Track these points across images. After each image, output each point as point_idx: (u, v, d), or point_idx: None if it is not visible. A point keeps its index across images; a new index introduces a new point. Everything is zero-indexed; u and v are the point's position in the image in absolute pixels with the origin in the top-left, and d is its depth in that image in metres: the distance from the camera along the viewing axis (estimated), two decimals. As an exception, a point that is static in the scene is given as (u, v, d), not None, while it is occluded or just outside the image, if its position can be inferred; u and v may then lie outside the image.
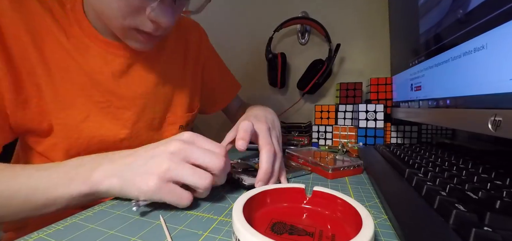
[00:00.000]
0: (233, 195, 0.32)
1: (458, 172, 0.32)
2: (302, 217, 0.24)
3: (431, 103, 0.44)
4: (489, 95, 0.29)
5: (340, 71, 0.84)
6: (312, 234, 0.21)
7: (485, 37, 0.29)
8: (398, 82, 0.62)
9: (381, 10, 0.75)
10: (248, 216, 0.20)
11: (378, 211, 0.28)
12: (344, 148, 0.60)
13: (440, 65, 0.40)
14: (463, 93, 0.34)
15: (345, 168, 0.40)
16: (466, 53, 0.33)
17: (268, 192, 0.26)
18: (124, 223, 0.25)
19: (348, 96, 0.74)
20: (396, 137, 0.64)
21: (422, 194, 0.27)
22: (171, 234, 0.23)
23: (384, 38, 0.75)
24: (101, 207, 0.29)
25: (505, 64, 0.26)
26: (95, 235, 0.23)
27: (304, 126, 0.76)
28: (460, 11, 0.34)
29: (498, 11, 0.27)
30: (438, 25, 0.41)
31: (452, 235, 0.19)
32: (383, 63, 0.76)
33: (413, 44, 0.52)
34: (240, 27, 0.93)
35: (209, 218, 0.26)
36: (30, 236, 0.22)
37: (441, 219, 0.21)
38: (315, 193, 0.26)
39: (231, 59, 0.96)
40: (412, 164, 0.37)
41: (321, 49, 0.83)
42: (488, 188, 0.26)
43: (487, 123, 0.27)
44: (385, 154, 0.46)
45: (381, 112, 0.60)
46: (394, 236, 0.22)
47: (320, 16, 0.80)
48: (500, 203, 0.21)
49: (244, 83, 0.96)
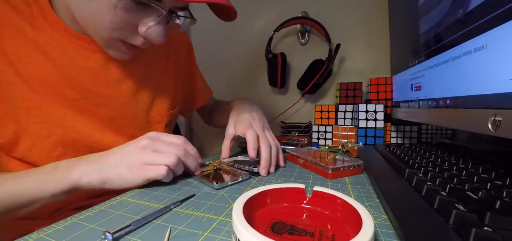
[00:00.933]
0: (233, 195, 0.32)
1: (458, 172, 0.32)
2: (302, 217, 0.24)
3: (431, 103, 0.44)
4: (489, 95, 0.29)
5: (340, 71, 0.84)
6: (312, 234, 0.21)
7: (485, 37, 0.29)
8: (398, 82, 0.62)
9: (381, 10, 0.75)
10: (248, 216, 0.20)
11: (378, 211, 0.28)
12: (344, 148, 0.60)
13: (440, 65, 0.40)
14: (463, 93, 0.34)
15: (345, 168, 0.40)
16: (466, 53, 0.33)
17: (268, 192, 0.26)
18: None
19: (348, 96, 0.74)
20: (396, 137, 0.64)
21: (422, 194, 0.27)
22: (171, 234, 0.23)
23: (384, 38, 0.75)
24: (101, 207, 0.29)
25: (505, 64, 0.26)
26: (95, 235, 0.23)
27: (304, 126, 0.76)
28: (460, 11, 0.34)
29: (498, 11, 0.27)
30: (438, 25, 0.41)
31: (452, 235, 0.19)
32: (383, 63, 0.76)
33: (413, 44, 0.52)
34: (240, 27, 0.93)
35: (209, 218, 0.26)
36: (30, 236, 0.22)
37: (441, 219, 0.21)
38: (315, 193, 0.26)
39: (231, 59, 0.97)
40: (412, 164, 0.37)
41: (321, 49, 0.83)
42: (488, 188, 0.26)
43: (487, 123, 0.27)
44: (385, 154, 0.46)
45: (381, 112, 0.60)
46: (394, 236, 0.22)
47: (320, 16, 0.80)
48: (500, 203, 0.21)
49: (244, 83, 0.96)
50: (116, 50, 0.39)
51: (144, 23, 0.36)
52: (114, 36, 0.37)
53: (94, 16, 0.35)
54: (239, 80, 0.97)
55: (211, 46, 0.99)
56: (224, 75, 0.98)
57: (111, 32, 0.36)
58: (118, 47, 0.39)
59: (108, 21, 0.34)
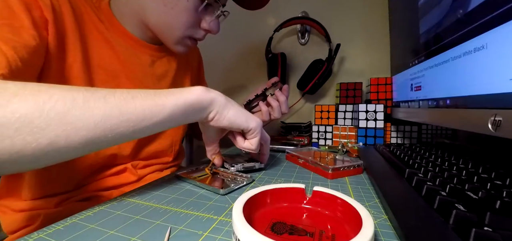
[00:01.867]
0: (233, 195, 0.32)
1: (458, 172, 0.32)
2: (302, 217, 0.24)
3: (431, 103, 0.44)
4: (489, 95, 0.29)
5: (340, 71, 0.84)
6: (312, 234, 0.21)
7: (485, 37, 0.29)
8: (398, 82, 0.62)
9: (381, 10, 0.75)
10: (248, 216, 0.20)
11: (378, 211, 0.28)
12: (344, 148, 0.60)
13: (440, 65, 0.40)
14: (463, 93, 0.34)
15: (345, 168, 0.40)
16: (466, 53, 0.33)
17: (268, 192, 0.26)
18: (124, 223, 0.25)
19: (348, 96, 0.74)
20: (396, 137, 0.64)
21: (422, 194, 0.27)
22: (171, 234, 0.23)
23: (384, 38, 0.75)
24: (101, 207, 0.29)
25: (505, 64, 0.26)
26: (95, 235, 0.23)
27: (304, 126, 0.76)
28: (460, 11, 0.34)
29: (498, 11, 0.27)
30: (438, 25, 0.41)
31: (452, 235, 0.19)
32: (383, 63, 0.76)
33: (413, 44, 0.52)
34: (240, 27, 0.93)
35: (209, 218, 0.26)
36: (30, 236, 0.22)
37: (441, 219, 0.21)
38: (315, 193, 0.26)
39: (231, 59, 0.97)
40: (412, 164, 0.37)
41: (321, 49, 0.83)
42: (488, 188, 0.26)
43: (487, 123, 0.27)
44: (385, 154, 0.46)
45: (381, 112, 0.60)
46: (394, 236, 0.22)
47: (320, 16, 0.80)
48: (500, 203, 0.21)
49: (244, 83, 0.96)
50: (184, 45, 0.50)
51: (206, 19, 0.48)
52: (186, 34, 0.47)
53: (175, 19, 0.45)
54: (239, 80, 0.97)
55: (211, 46, 0.98)
56: (224, 75, 0.98)
57: (185, 30, 0.47)
58: (185, 42, 0.49)
59: (185, 21, 0.45)
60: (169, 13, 0.44)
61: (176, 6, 0.44)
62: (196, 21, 0.47)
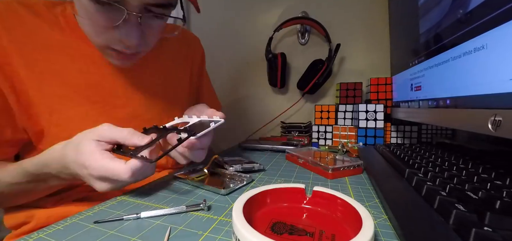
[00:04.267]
0: (233, 195, 0.32)
1: (458, 172, 0.32)
2: (302, 217, 0.24)
3: (431, 103, 0.44)
4: (489, 95, 0.29)
5: (340, 71, 0.84)
6: (312, 234, 0.21)
7: (485, 37, 0.29)
8: (398, 82, 0.62)
9: (381, 10, 0.75)
10: (248, 216, 0.20)
11: (378, 211, 0.28)
12: (344, 148, 0.60)
13: (440, 65, 0.40)
14: (463, 93, 0.34)
15: (345, 168, 0.40)
16: (466, 53, 0.33)
17: (268, 192, 0.26)
18: (124, 223, 0.25)
19: (348, 96, 0.74)
20: (396, 137, 0.64)
21: (422, 194, 0.27)
22: (171, 234, 0.23)
23: (384, 38, 0.75)
24: (101, 207, 0.29)
25: (505, 64, 0.26)
26: (95, 235, 0.23)
27: (304, 126, 0.76)
28: (460, 11, 0.34)
29: (498, 11, 0.27)
30: (438, 25, 0.41)
31: (452, 235, 0.19)
32: (383, 63, 0.76)
33: (413, 44, 0.52)
34: (240, 27, 0.93)
35: (209, 218, 0.26)
36: (30, 236, 0.22)
37: (441, 219, 0.21)
38: (315, 193, 0.26)
39: (231, 59, 0.97)
40: (412, 164, 0.37)
41: (321, 49, 0.83)
42: (488, 188, 0.26)
43: (487, 123, 0.27)
44: (385, 154, 0.46)
45: (381, 112, 0.60)
46: (394, 236, 0.22)
47: (320, 16, 0.80)
48: (500, 203, 0.21)
49: (244, 83, 0.96)
50: (110, 57, 0.41)
51: (112, 25, 0.35)
52: (100, 43, 0.39)
53: (82, 25, 0.39)
54: (239, 80, 0.97)
55: (211, 46, 0.98)
56: (224, 75, 0.98)
57: (96, 38, 0.38)
58: (109, 53, 0.40)
59: (90, 28, 0.38)
60: (82, 23, 0.39)
61: (85, 15, 0.36)
62: (103, 26, 0.36)
